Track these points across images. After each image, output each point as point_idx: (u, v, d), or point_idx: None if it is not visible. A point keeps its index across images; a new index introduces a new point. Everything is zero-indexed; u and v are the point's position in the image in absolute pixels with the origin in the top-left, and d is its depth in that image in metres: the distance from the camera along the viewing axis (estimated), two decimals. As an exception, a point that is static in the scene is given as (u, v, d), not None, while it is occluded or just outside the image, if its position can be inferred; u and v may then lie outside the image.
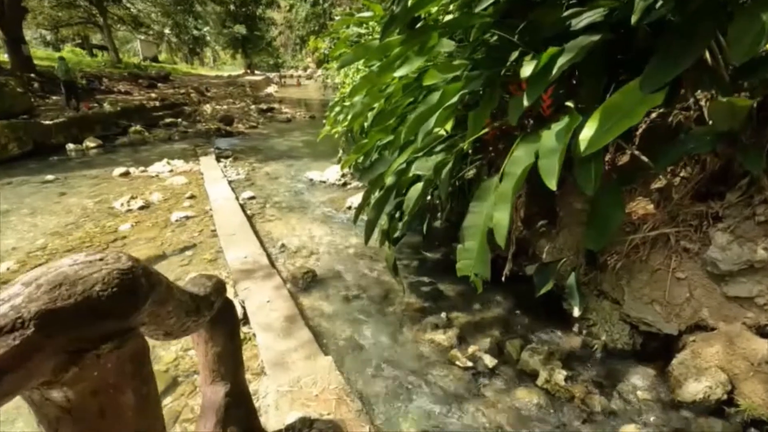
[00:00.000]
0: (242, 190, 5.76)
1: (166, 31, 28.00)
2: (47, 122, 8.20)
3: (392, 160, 2.45)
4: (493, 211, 1.78)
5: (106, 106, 10.58)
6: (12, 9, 12.03)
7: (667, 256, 2.26)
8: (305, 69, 37.43)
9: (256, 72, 33.15)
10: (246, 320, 2.62)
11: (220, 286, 1.08)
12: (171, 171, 6.37)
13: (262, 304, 2.67)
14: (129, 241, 3.94)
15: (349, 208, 4.94)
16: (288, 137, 10.12)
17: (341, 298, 3.11)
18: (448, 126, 2.90)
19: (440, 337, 2.61)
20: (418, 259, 3.71)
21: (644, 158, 2.23)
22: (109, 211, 4.73)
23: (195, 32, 30.21)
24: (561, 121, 1.71)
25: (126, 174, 6.20)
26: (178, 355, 2.44)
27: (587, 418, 2.00)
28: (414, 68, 2.48)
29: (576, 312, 2.56)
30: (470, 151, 2.73)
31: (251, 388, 2.13)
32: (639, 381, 2.20)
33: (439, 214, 3.25)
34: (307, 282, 3.28)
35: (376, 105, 3.42)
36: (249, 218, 4.59)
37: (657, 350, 2.33)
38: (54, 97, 11.26)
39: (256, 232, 4.05)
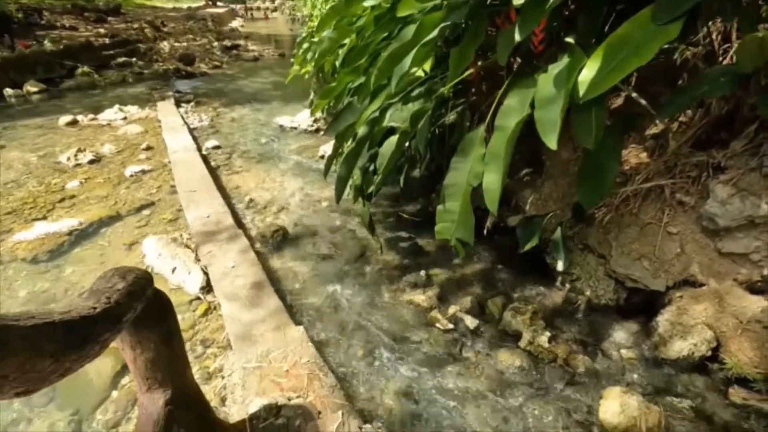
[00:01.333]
0: (206, 138, 5.31)
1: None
2: (-22, 64, 7.26)
3: (363, 108, 2.15)
4: (483, 171, 1.55)
5: (48, 44, 9.43)
6: None
7: (660, 210, 2.12)
8: (273, 0, 34.43)
9: (219, 3, 30.33)
10: (210, 288, 2.41)
11: (137, 287, 0.84)
12: (125, 119, 5.80)
13: (226, 270, 2.45)
14: (78, 201, 3.58)
15: (323, 156, 4.62)
16: (255, 78, 9.37)
17: (315, 258, 2.92)
18: (427, 66, 2.57)
19: (420, 297, 2.48)
20: (396, 212, 3.51)
21: (643, 102, 2.00)
22: (55, 166, 4.28)
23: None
24: (560, 62, 1.45)
25: (74, 123, 5.60)
26: (135, 329, 2.24)
27: (571, 379, 1.94)
28: (387, -4, 2.12)
29: (560, 267, 2.45)
30: (451, 95, 2.43)
31: (216, 363, 1.97)
32: (623, 338, 2.14)
33: (417, 165, 3.00)
34: (278, 241, 3.06)
35: (346, 41, 3.02)
36: (213, 171, 4.24)
37: (641, 306, 2.26)
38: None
39: (220, 187, 3.73)
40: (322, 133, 5.48)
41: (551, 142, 1.30)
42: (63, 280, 2.69)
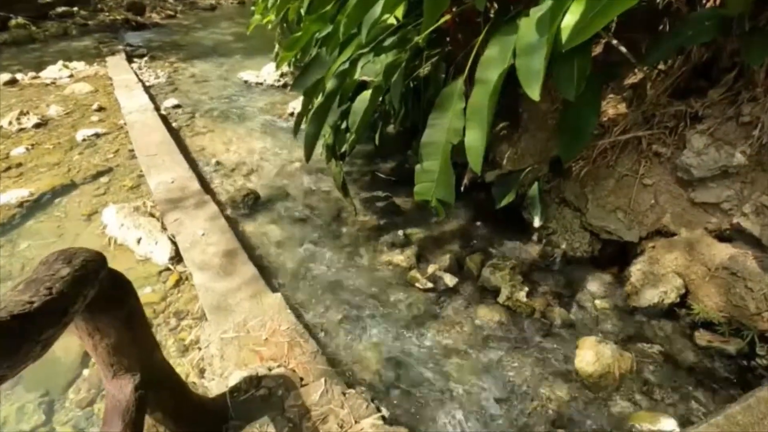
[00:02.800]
0: (164, 97, 4.95)
1: None
2: None
3: (332, 60, 1.99)
4: (464, 127, 1.46)
5: (-28, -8, 8.38)
6: None
7: (636, 161, 2.11)
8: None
9: (168, -56, 27.57)
10: (180, 258, 2.30)
11: (86, 271, 0.75)
12: (71, 76, 5.29)
13: (196, 239, 2.34)
14: (27, 168, 3.29)
15: (292, 114, 4.40)
16: (214, 29, 8.70)
17: (289, 221, 2.83)
18: (399, 12, 2.39)
19: (398, 257, 2.45)
20: (371, 171, 3.41)
21: (623, 49, 1.93)
22: (-4, 131, 3.91)
23: None
24: (543, 4, 1.34)
25: (13, 82, 5.08)
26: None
27: (548, 331, 1.99)
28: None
29: (537, 223, 2.46)
30: (426, 45, 2.28)
31: (191, 335, 1.91)
32: (597, 289, 2.20)
33: (392, 120, 2.88)
34: (249, 205, 2.93)
35: None
36: (175, 132, 3.97)
37: (615, 257, 2.31)
38: None
39: (183, 150, 3.50)
40: (289, 88, 5.19)
41: (534, 92, 1.23)
42: (18, 255, 2.51)
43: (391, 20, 2.37)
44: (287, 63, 4.21)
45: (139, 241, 2.36)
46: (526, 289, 2.13)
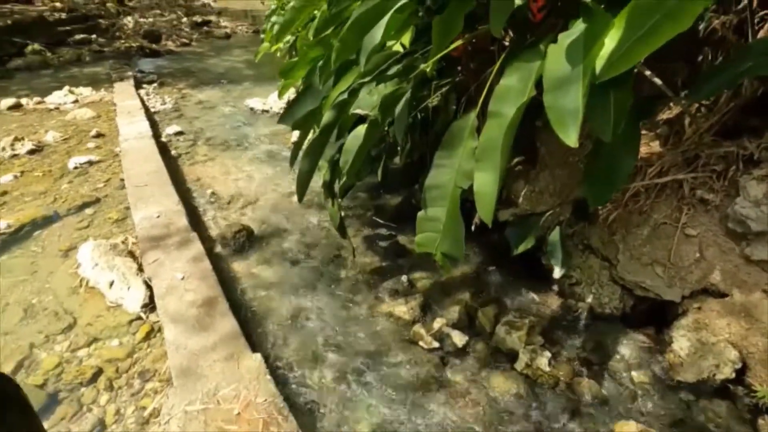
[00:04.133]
0: (168, 123, 4.83)
1: None
2: None
3: (327, 90, 1.78)
4: (474, 170, 1.22)
5: (-6, 19, 8.61)
6: None
7: (677, 208, 1.83)
8: (248, -26, 32.84)
9: (190, -23, 28.69)
10: (154, 306, 2.05)
11: None
12: (75, 101, 5.23)
13: (174, 283, 2.09)
14: (11, 197, 3.12)
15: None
16: (226, 57, 8.76)
17: (282, 262, 2.58)
18: (406, 39, 2.20)
19: (401, 309, 2.17)
20: (374, 205, 3.17)
21: (658, 81, 1.68)
22: (-13, 157, 3.78)
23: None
24: (575, 28, 1.10)
25: (17, 107, 5.02)
26: (62, 359, 1.88)
27: (576, 409, 1.66)
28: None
29: (558, 273, 2.16)
30: (435, 74, 2.07)
31: (155, 402, 1.64)
32: (631, 355, 1.88)
33: (397, 154, 2.65)
34: (241, 242, 2.69)
35: (317, 13, 2.60)
36: (172, 161, 3.81)
37: (650, 315, 2.00)
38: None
39: (178, 181, 3.32)
40: (277, 120, 5.06)
41: (570, 136, 0.97)
42: (-17, 295, 2.28)
43: (397, 47, 2.17)
44: (289, 91, 4.07)
45: (111, 284, 2.12)
46: (548, 354, 1.82)
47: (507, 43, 2.27)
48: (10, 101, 5.02)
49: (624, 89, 1.20)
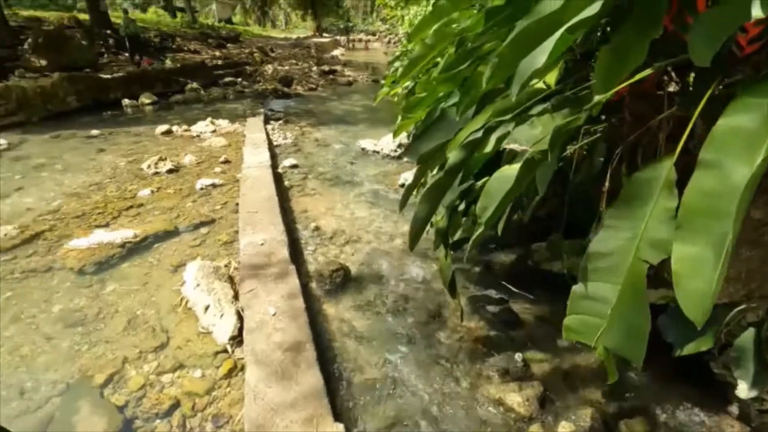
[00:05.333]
0: (285, 156, 5.10)
1: (240, -9, 28.03)
2: (106, 77, 8.08)
3: (462, 124, 1.54)
4: (671, 240, 0.84)
5: (168, 63, 10.42)
6: (89, -36, 12.15)
7: None
8: (374, 33, 36.07)
9: (325, 34, 32.41)
10: (241, 340, 1.92)
11: None
12: (213, 131, 5.86)
13: (265, 318, 1.95)
14: (144, 210, 3.42)
15: (403, 185, 4.08)
16: (346, 101, 9.34)
17: (377, 311, 2.33)
18: (551, 78, 1.90)
19: (513, 397, 1.73)
20: (484, 261, 2.80)
21: None
22: (137, 172, 4.28)
23: (266, -9, 30.00)
24: None
25: (168, 132, 5.78)
26: (147, 381, 1.81)
27: None
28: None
29: (746, 392, 1.55)
30: (589, 116, 1.72)
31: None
32: None
33: (525, 204, 2.29)
34: (337, 282, 2.52)
35: (439, 60, 2.46)
36: (283, 191, 3.91)
37: None
38: (126, 54, 11.34)
39: (285, 210, 3.34)
40: (402, 154, 4.99)
41: None
42: (100, 298, 2.40)
43: (540, 85, 1.88)
44: (406, 132, 3.99)
45: (206, 309, 2.06)
46: None
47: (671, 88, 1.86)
48: (164, 127, 5.79)
49: None
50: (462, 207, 1.97)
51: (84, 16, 13.15)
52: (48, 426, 1.63)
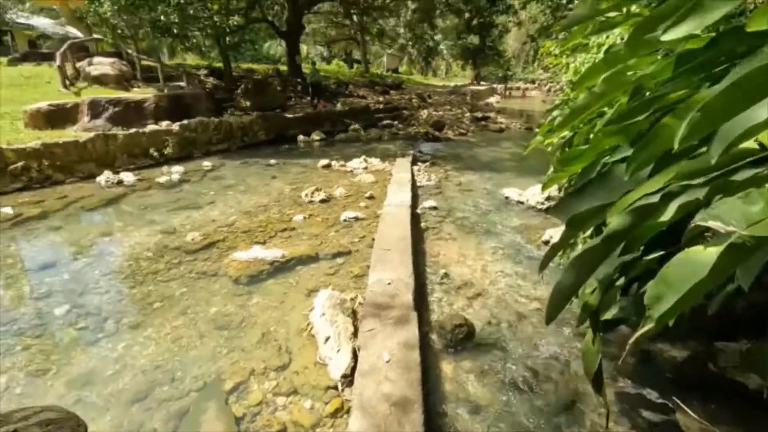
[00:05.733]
0: (426, 198, 5.16)
1: (408, 43, 30.80)
2: (290, 116, 9.59)
3: (630, 186, 1.27)
4: None
5: (338, 106, 11.88)
6: (293, 26, 14.90)
7: None
8: (533, 81, 35.33)
9: (483, 83, 33.06)
10: (352, 380, 1.88)
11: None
12: (365, 168, 6.34)
13: (378, 364, 1.89)
14: (294, 234, 3.80)
15: (546, 242, 3.70)
16: (495, 147, 9.17)
17: (499, 383, 2.06)
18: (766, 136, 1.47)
19: None
20: (647, 351, 2.27)
21: None
22: (296, 199, 4.84)
23: (430, 43, 32.17)
24: None
25: (328, 166, 6.46)
26: (264, 398, 1.90)
27: None
28: (708, 22, 1.24)
29: None
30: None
31: None
32: None
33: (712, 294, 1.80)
34: (459, 339, 2.34)
35: (606, 110, 2.17)
36: (418, 232, 3.92)
37: None
38: (308, 98, 13.40)
39: (417, 252, 3.32)
40: (550, 211, 4.56)
41: None
42: (245, 308, 2.69)
43: (750, 144, 1.47)
44: (558, 186, 3.64)
45: (326, 340, 2.10)
46: None
47: None
48: (325, 161, 6.50)
49: None
50: (620, 282, 1.63)
51: (284, 68, 16.09)
52: (182, 418, 1.82)
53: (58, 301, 2.81)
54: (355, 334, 2.15)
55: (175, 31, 9.13)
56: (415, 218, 4.20)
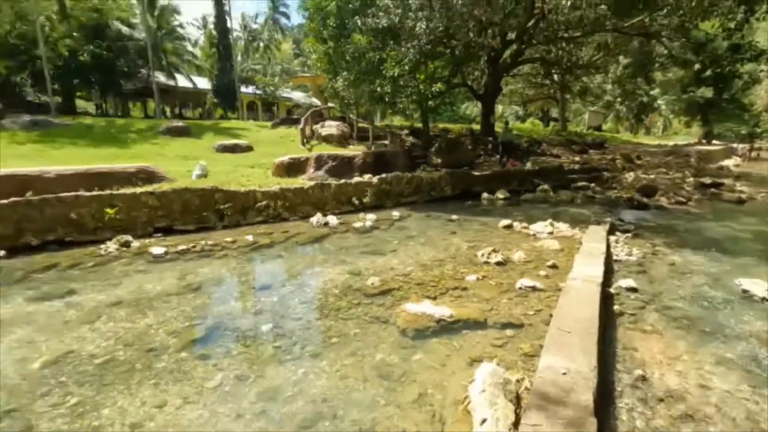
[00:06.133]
0: (623, 275, 4.40)
1: (616, 100, 28.16)
2: (476, 173, 9.78)
3: None
4: None
5: (528, 165, 11.52)
6: (490, 89, 15.50)
7: None
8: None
9: (715, 142, 27.24)
10: (506, 479, 1.66)
11: None
12: (550, 233, 5.85)
13: (539, 470, 1.62)
14: (466, 294, 3.73)
15: (812, 366, 2.64)
16: (728, 223, 7.27)
17: None
18: None
19: None
20: None
21: None
22: (472, 258, 4.79)
23: (644, 98, 28.58)
24: None
25: (509, 227, 6.24)
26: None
27: None
28: None
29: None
30: None
31: None
32: None
33: None
34: (654, 470, 1.82)
35: None
36: (609, 317, 3.34)
37: None
38: (498, 156, 13.52)
39: (604, 340, 2.81)
40: None
41: None
42: (408, 362, 2.73)
43: None
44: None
45: (482, 422, 1.93)
46: None
47: None
48: (507, 222, 6.30)
49: None
50: None
51: (477, 127, 16.74)
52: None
53: (266, 319, 3.42)
54: (515, 425, 1.92)
55: (386, 99, 10.67)
56: (607, 298, 3.61)
